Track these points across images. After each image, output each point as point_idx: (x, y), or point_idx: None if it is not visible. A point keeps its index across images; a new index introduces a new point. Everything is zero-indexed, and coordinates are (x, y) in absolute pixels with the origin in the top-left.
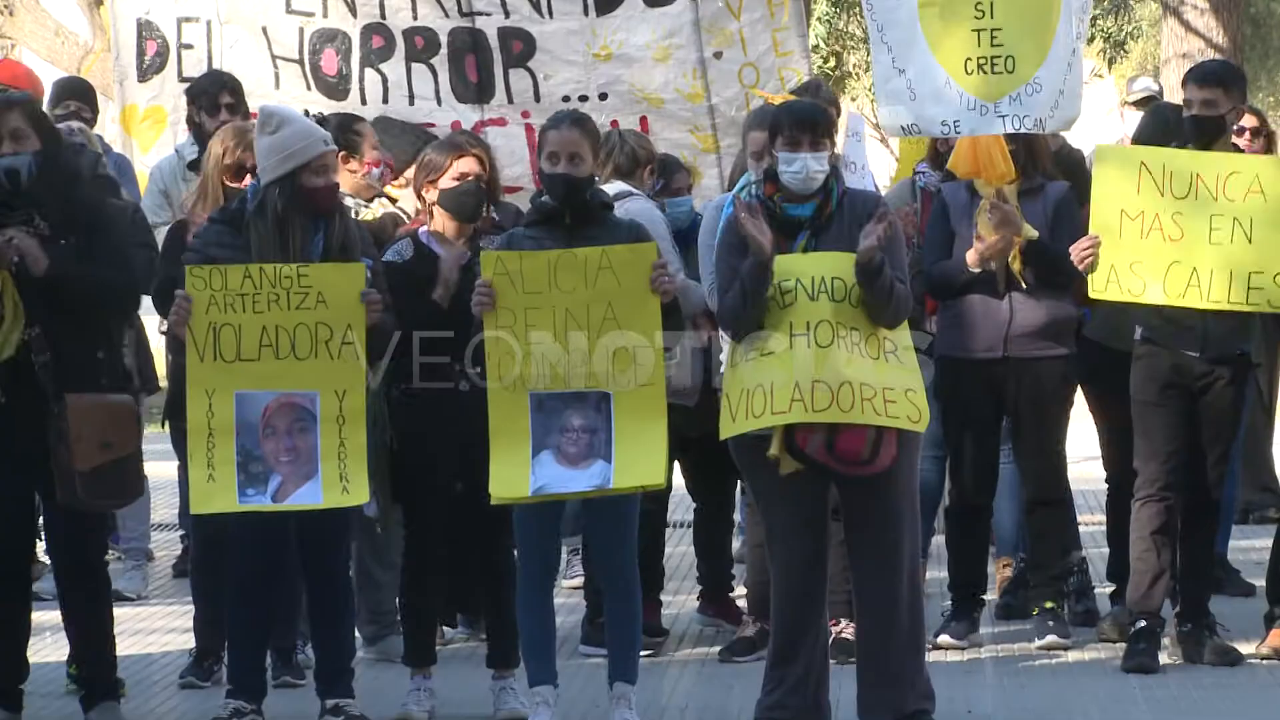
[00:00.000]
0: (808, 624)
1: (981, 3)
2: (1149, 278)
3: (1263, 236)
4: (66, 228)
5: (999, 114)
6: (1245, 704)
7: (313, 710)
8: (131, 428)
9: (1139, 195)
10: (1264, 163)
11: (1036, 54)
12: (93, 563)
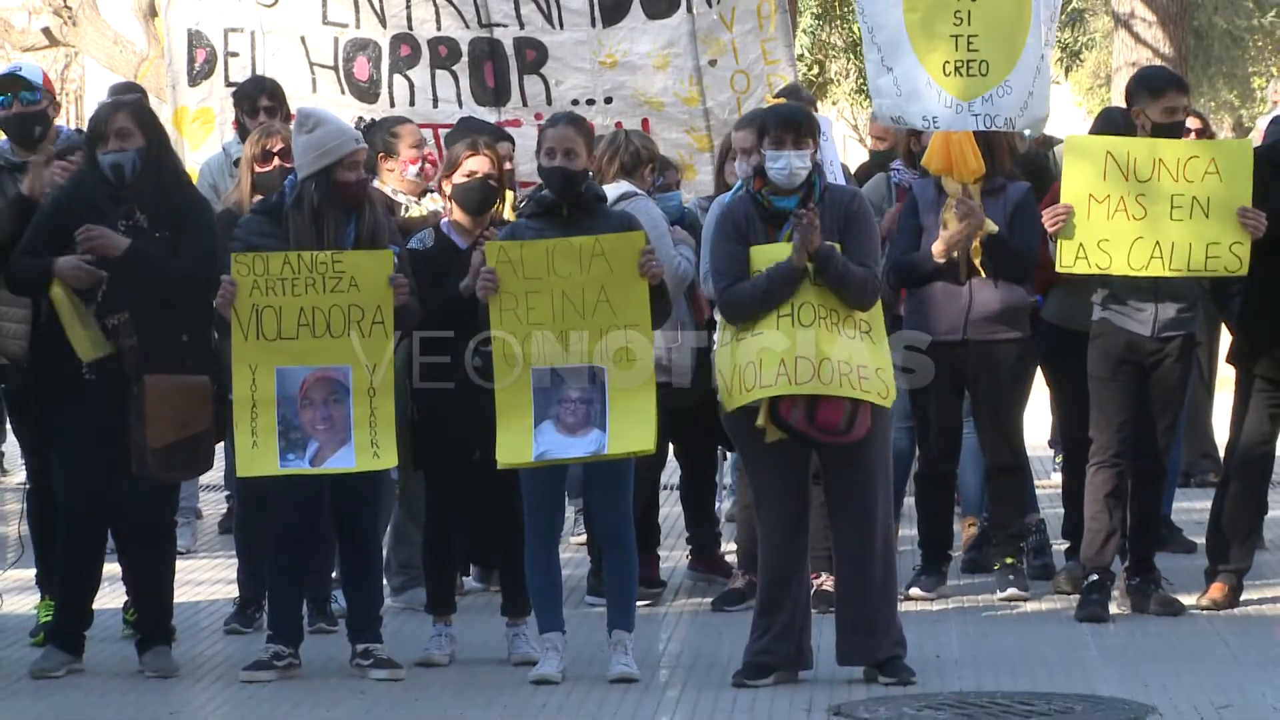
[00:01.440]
0: (791, 577)
1: (960, 11)
2: (1115, 252)
3: (1218, 212)
4: (162, 222)
5: (973, 113)
6: (1187, 650)
7: (344, 654)
8: (206, 406)
9: (1105, 180)
10: (1218, 147)
11: (1008, 59)
12: (162, 525)
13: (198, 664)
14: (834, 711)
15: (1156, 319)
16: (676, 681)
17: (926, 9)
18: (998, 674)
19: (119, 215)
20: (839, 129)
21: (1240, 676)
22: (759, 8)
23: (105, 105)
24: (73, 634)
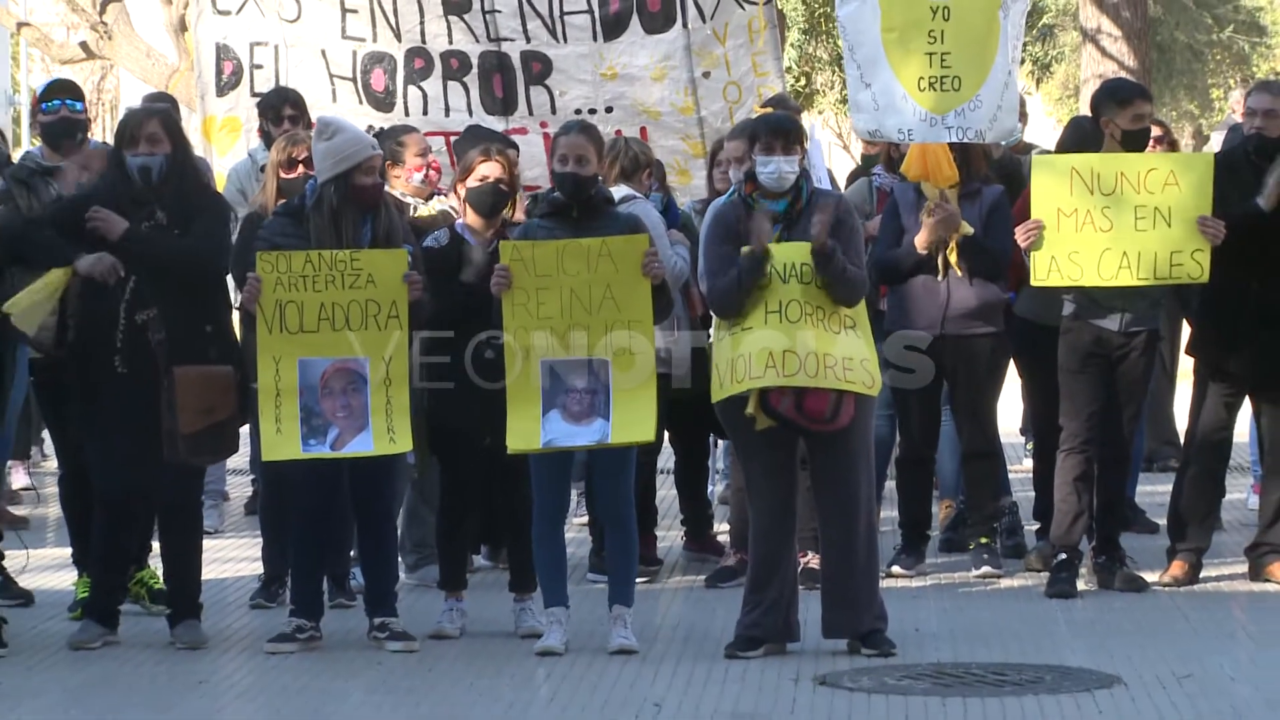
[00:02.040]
0: (780, 556)
1: (934, 30)
2: (1085, 264)
3: (1180, 221)
4: (181, 222)
5: (946, 125)
6: (1150, 624)
7: (362, 627)
8: (231, 394)
9: (1072, 195)
10: (1178, 160)
11: (978, 75)
12: (190, 505)
13: (225, 636)
14: (820, 681)
15: (1123, 316)
16: (673, 653)
17: (903, 28)
18: (973, 646)
19: (142, 215)
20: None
21: (1200, 648)
22: (749, 23)
23: (136, 111)
24: (108, 608)
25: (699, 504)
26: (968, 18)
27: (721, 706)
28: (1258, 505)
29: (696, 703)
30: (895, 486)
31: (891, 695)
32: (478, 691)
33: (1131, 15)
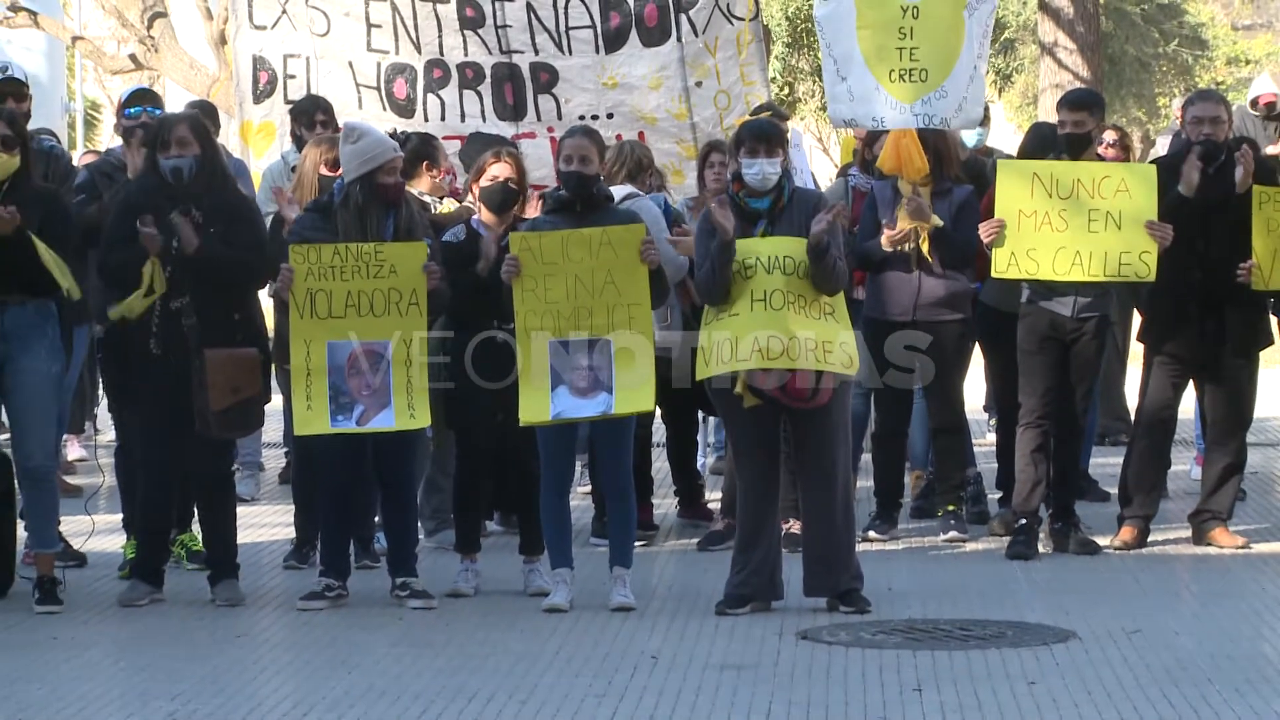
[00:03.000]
0: (765, 522)
1: (904, 28)
2: (1041, 260)
3: (1129, 225)
4: (215, 219)
5: (914, 113)
6: (1101, 583)
7: (385, 586)
8: (256, 374)
9: (1032, 198)
10: (1128, 169)
11: (945, 68)
12: (224, 475)
13: (260, 594)
14: (801, 635)
15: (1076, 302)
16: (668, 610)
17: (876, 27)
18: (940, 604)
19: (179, 211)
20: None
21: (1148, 606)
22: (738, 37)
23: (168, 117)
24: (154, 568)
25: (689, 475)
26: (935, 16)
27: (712, 658)
28: (1199, 476)
29: (690, 655)
30: (870, 459)
31: (867, 649)
32: (490, 645)
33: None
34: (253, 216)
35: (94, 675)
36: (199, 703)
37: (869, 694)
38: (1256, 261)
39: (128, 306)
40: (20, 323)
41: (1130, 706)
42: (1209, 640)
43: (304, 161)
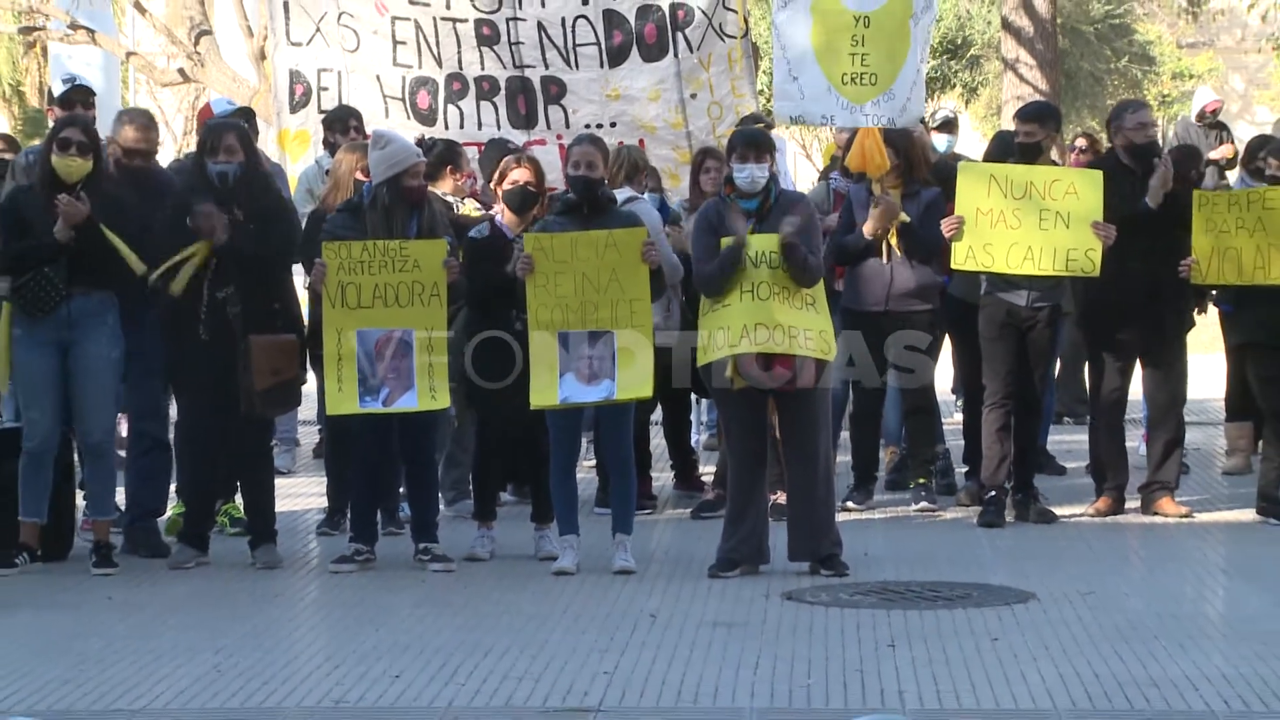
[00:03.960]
0: (754, 493)
1: (856, 35)
2: (996, 254)
3: (1076, 224)
4: (254, 217)
5: (864, 113)
6: (1057, 549)
7: (409, 551)
8: (294, 358)
9: (989, 198)
10: (1077, 173)
11: (892, 72)
12: (263, 449)
13: (296, 558)
14: (786, 596)
15: (1029, 293)
16: (665, 573)
17: (829, 33)
18: (912, 568)
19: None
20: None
21: (1100, 570)
22: (729, 54)
23: (215, 125)
24: (200, 535)
25: (684, 451)
26: (884, 26)
27: (705, 617)
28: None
29: (685, 614)
30: (848, 437)
31: (845, 608)
32: (504, 604)
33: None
34: (288, 216)
35: (146, 631)
36: (240, 656)
37: (847, 649)
38: (1196, 259)
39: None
40: (86, 311)
41: (1084, 661)
42: (1156, 601)
43: (339, 166)
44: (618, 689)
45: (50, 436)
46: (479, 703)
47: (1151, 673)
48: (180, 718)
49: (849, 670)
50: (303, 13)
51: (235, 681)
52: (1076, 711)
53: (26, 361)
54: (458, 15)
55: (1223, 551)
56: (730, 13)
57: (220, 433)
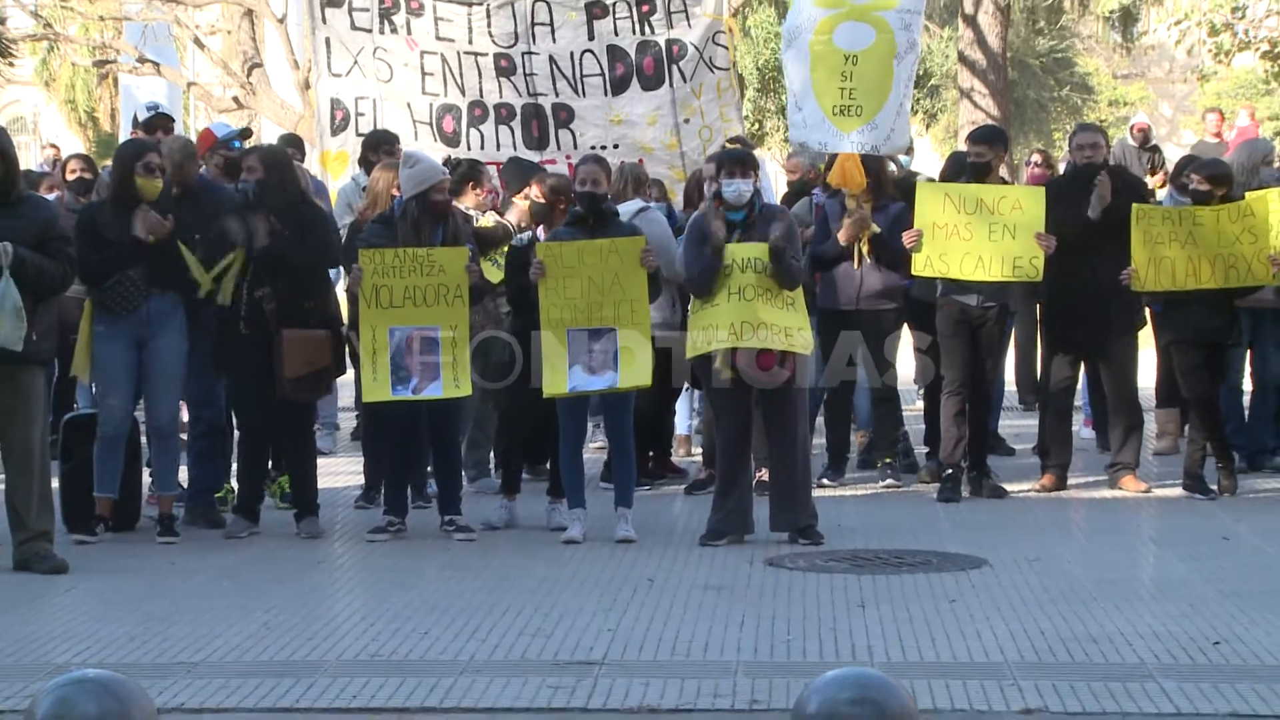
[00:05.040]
0: (739, 471)
1: (845, 72)
2: (951, 263)
3: (1021, 235)
4: (289, 224)
5: (851, 141)
6: (1007, 521)
7: (435, 522)
8: (326, 350)
9: (944, 213)
10: (1021, 190)
11: (876, 105)
12: (304, 431)
13: (336, 528)
14: (768, 562)
15: (979, 295)
16: (661, 542)
17: (824, 70)
18: (879, 537)
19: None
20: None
21: (1046, 540)
22: (718, 84)
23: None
24: (252, 508)
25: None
26: (870, 64)
27: (697, 580)
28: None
29: (679, 578)
30: (824, 421)
31: (820, 573)
32: (520, 569)
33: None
34: (322, 225)
35: (204, 593)
36: (286, 615)
37: (822, 609)
38: (1135, 268)
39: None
40: (160, 310)
41: (1031, 620)
42: (1094, 567)
43: (377, 182)
44: (619, 644)
45: (125, 422)
46: (497, 656)
47: (1090, 630)
48: (234, 669)
49: (824, 628)
50: (342, 47)
51: (282, 637)
52: (1024, 664)
53: (108, 354)
54: (479, 50)
55: (1153, 523)
56: (719, 48)
57: (266, 418)
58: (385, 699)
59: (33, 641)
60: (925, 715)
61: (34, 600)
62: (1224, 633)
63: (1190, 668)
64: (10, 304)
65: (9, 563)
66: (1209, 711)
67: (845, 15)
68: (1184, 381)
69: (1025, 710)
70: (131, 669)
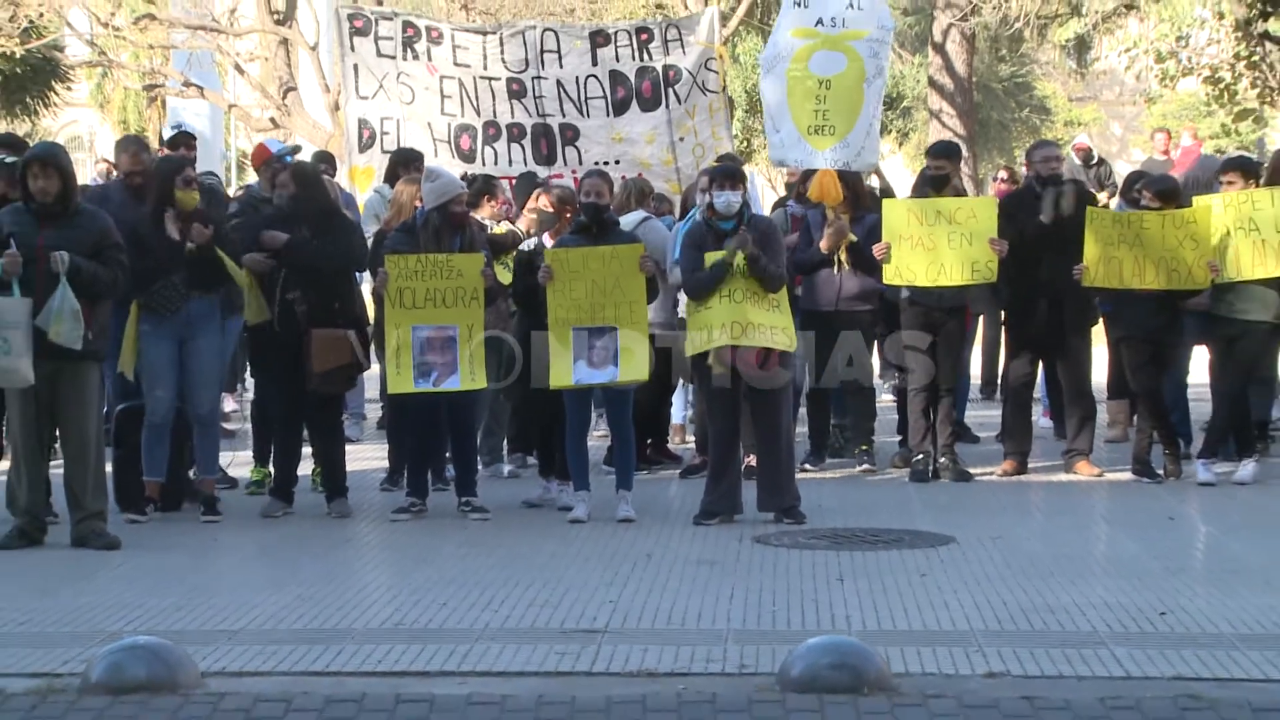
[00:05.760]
0: (730, 457)
1: (819, 95)
2: (917, 271)
3: (978, 242)
4: (320, 234)
5: (824, 158)
6: (973, 502)
7: (453, 503)
8: (348, 349)
9: (908, 225)
10: (975, 201)
11: (848, 125)
12: (333, 420)
13: (363, 509)
14: (756, 540)
15: (941, 297)
16: (658, 521)
17: (799, 94)
18: (857, 517)
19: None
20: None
21: (1006, 519)
22: (710, 105)
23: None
24: (286, 489)
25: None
26: (842, 88)
27: (690, 556)
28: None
29: (675, 554)
30: (805, 412)
31: (803, 549)
32: (530, 545)
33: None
34: (350, 233)
35: (243, 567)
36: (318, 588)
37: (804, 582)
38: (1086, 265)
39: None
40: (200, 311)
41: (994, 592)
42: (1051, 544)
43: (401, 195)
44: (620, 614)
45: (169, 411)
46: (510, 625)
47: (1048, 601)
48: (270, 637)
49: (806, 599)
50: (369, 73)
51: (314, 608)
52: (988, 632)
53: (154, 351)
54: (493, 75)
55: (1105, 504)
56: (711, 73)
57: (300, 408)
58: (408, 664)
59: (88, 611)
60: (898, 679)
61: (89, 574)
62: (1169, 604)
63: (1139, 635)
64: (68, 307)
65: (67, 540)
66: (1155, 675)
67: (820, 44)
68: (1132, 376)
69: (989, 674)
70: (177, 636)
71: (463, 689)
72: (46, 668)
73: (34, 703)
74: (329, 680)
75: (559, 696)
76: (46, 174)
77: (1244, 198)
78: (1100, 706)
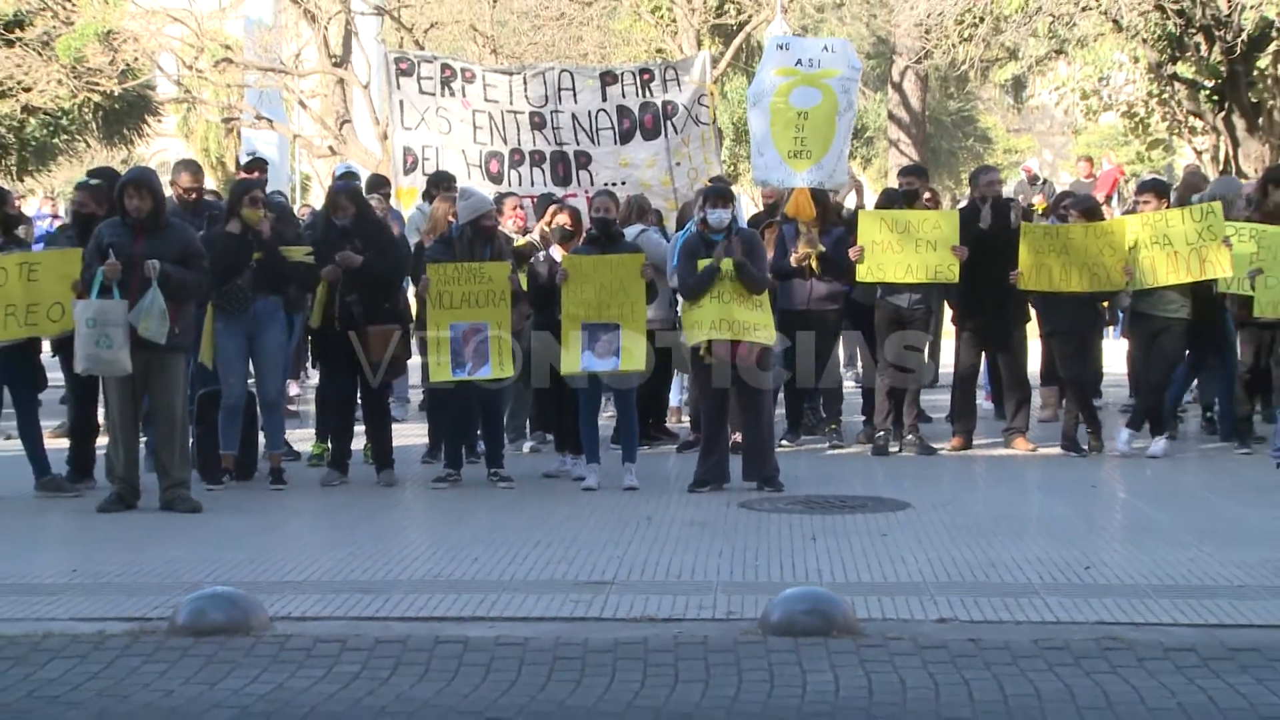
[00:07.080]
0: (720, 434)
1: (798, 124)
2: (888, 271)
3: (941, 248)
4: (370, 249)
5: (802, 179)
6: (927, 473)
7: (484, 474)
8: (398, 341)
9: (880, 233)
10: (939, 214)
11: (822, 150)
12: (382, 403)
13: (406, 479)
14: (741, 505)
15: (910, 297)
16: (658, 489)
17: (781, 124)
18: (828, 485)
19: (344, 246)
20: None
21: (956, 487)
22: (702, 135)
23: (337, 192)
24: (342, 461)
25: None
26: (818, 119)
27: (685, 519)
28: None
29: (672, 517)
30: (784, 396)
31: (782, 513)
32: (548, 510)
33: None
34: (398, 248)
35: (304, 529)
36: (369, 547)
37: (783, 541)
38: (1021, 271)
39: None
40: (266, 308)
41: (945, 550)
42: (993, 508)
43: (436, 211)
44: (625, 568)
45: (241, 395)
46: (532, 577)
47: (990, 557)
48: (328, 587)
49: (784, 555)
50: (412, 107)
51: (365, 561)
52: (939, 583)
53: (226, 345)
54: (518, 109)
55: (1038, 474)
56: (703, 107)
57: (353, 393)
58: (445, 610)
59: (174, 564)
60: (863, 623)
61: (175, 533)
62: (1093, 559)
63: (1067, 586)
64: (157, 308)
65: (156, 504)
66: (1081, 620)
67: (799, 81)
68: (1061, 365)
69: (940, 619)
70: (250, 586)
71: (491, 632)
72: (139, 612)
73: (128, 642)
74: (378, 625)
75: (573, 638)
76: (140, 194)
77: (1159, 217)
78: (1034, 647)
